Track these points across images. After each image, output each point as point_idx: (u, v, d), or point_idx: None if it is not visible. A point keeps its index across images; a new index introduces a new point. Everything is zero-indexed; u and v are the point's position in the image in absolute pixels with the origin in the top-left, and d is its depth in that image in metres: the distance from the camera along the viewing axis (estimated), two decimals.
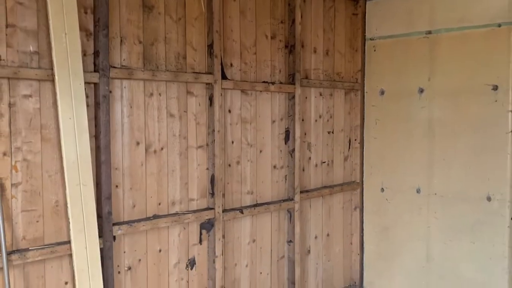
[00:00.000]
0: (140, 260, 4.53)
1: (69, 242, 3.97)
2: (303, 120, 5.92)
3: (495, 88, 5.43)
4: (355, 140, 6.65)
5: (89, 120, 4.04)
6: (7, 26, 3.67)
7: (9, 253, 3.69)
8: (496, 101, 5.43)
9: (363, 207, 6.73)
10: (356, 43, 6.58)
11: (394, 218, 6.36)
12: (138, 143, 4.47)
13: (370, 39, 6.53)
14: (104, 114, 4.15)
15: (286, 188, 5.81)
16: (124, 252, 4.42)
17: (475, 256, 5.65)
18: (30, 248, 3.83)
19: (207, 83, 4.93)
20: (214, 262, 5.02)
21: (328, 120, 6.27)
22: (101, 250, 4.16)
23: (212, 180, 5.00)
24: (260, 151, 5.51)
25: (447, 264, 5.89)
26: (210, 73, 4.92)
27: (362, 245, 6.75)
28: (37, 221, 3.89)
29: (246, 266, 5.44)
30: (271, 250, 5.70)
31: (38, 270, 3.91)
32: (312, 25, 6.00)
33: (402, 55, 6.20)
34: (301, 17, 5.75)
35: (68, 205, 3.93)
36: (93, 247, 4.05)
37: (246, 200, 5.40)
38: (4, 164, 3.70)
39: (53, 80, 3.85)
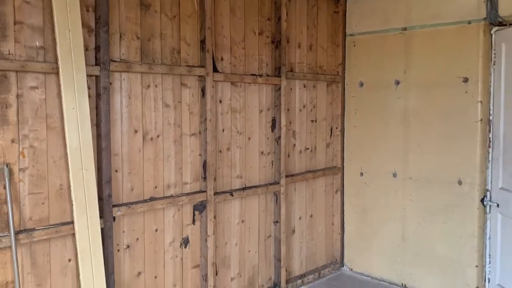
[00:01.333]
0: (137, 239, 4.56)
1: (72, 222, 4.01)
2: (288, 110, 5.93)
3: (466, 80, 5.42)
4: (336, 128, 6.66)
5: (90, 110, 4.06)
6: (15, 23, 3.69)
7: (17, 233, 3.73)
8: (466, 92, 5.42)
9: (343, 190, 6.72)
10: (337, 39, 6.54)
11: (372, 200, 6.38)
12: (136, 131, 4.49)
13: (350, 35, 6.49)
14: (105, 104, 4.17)
15: (272, 173, 5.83)
16: (123, 231, 4.45)
17: (447, 235, 5.66)
18: (36, 228, 3.87)
19: (199, 76, 4.94)
20: (206, 241, 5.05)
21: (311, 110, 6.28)
22: (102, 230, 4.19)
23: (204, 165, 5.02)
24: (249, 139, 5.53)
25: (421, 243, 5.91)
26: (202, 67, 4.93)
27: (343, 225, 6.75)
28: (43, 203, 3.92)
29: (236, 244, 5.47)
30: (259, 229, 5.73)
31: (44, 248, 3.95)
32: (296, 22, 5.98)
33: (379, 50, 6.18)
34: (287, 14, 5.73)
35: (71, 188, 3.94)
36: (94, 227, 4.07)
37: (235, 183, 5.42)
38: (12, 151, 3.73)
39: (57, 73, 3.87)
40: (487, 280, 5.53)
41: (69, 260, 4.09)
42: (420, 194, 5.92)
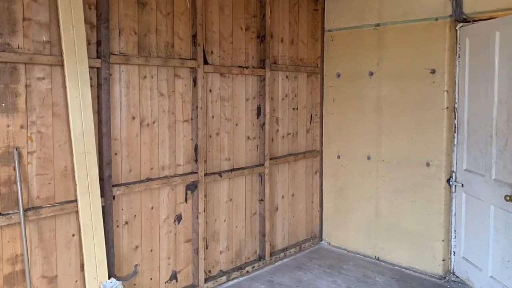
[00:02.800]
0: (135, 216, 4.62)
1: (75, 200, 4.07)
2: (272, 98, 5.96)
3: (433, 71, 5.47)
4: (316, 115, 6.67)
5: (92, 99, 4.10)
6: (23, 20, 3.71)
7: (25, 210, 3.79)
8: (434, 82, 5.47)
9: (322, 171, 6.75)
10: (317, 34, 6.55)
11: (348, 180, 6.42)
12: (133, 118, 4.53)
13: (328, 30, 6.51)
14: (105, 94, 4.20)
15: (257, 156, 5.86)
16: (122, 209, 4.51)
17: (416, 212, 5.73)
18: (43, 206, 3.92)
19: (191, 68, 4.96)
20: (197, 217, 5.10)
21: (293, 99, 6.31)
22: (103, 207, 4.25)
23: (196, 148, 5.05)
24: (236, 125, 5.56)
25: (392, 219, 5.96)
26: (194, 59, 4.95)
27: (322, 203, 6.78)
28: (49, 183, 3.97)
29: (224, 221, 5.52)
30: (245, 207, 5.78)
31: (50, 224, 4.00)
32: (279, 19, 5.99)
33: (355, 44, 6.22)
34: (270, 12, 5.75)
35: (75, 169, 4.01)
36: (96, 205, 4.14)
37: (224, 165, 5.46)
38: (21, 135, 3.76)
39: (62, 65, 3.91)
40: (452, 253, 5.62)
41: (73, 235, 4.14)
42: (391, 175, 5.96)
